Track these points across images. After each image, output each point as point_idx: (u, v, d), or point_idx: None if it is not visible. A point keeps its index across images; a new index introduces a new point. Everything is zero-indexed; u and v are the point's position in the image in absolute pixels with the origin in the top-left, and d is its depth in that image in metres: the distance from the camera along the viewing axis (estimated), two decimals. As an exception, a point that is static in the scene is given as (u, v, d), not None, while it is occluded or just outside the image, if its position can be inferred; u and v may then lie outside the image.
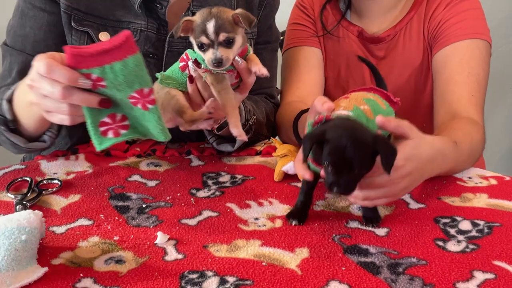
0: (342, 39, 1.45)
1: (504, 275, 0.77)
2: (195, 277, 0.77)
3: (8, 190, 1.04)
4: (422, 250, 0.84)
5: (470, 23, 1.31)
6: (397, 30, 1.39)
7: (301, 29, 1.47)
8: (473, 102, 1.25)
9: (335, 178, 0.83)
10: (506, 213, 0.96)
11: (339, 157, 0.82)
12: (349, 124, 0.85)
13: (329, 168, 0.83)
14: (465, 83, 1.27)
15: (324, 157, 0.83)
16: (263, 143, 1.29)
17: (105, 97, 0.85)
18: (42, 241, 0.85)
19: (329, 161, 0.83)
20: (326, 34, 1.45)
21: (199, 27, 0.97)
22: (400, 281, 0.76)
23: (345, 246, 0.85)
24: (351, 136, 0.82)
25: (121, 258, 0.82)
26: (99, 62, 0.81)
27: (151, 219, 0.94)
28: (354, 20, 1.44)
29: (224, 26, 0.97)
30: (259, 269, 0.79)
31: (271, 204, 1.00)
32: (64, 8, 1.18)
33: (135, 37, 1.21)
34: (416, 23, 1.38)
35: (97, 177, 1.11)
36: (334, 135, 0.82)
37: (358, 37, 1.43)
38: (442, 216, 0.95)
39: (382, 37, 1.40)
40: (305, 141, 0.86)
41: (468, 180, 1.10)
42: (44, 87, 0.86)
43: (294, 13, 1.52)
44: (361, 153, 0.82)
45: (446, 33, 1.32)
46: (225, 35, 0.97)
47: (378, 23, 1.42)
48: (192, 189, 1.06)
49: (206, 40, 0.97)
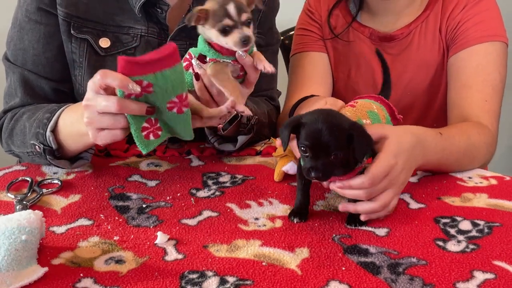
0: (353, 41, 1.44)
1: (504, 275, 0.77)
2: (195, 277, 0.77)
3: (8, 190, 1.04)
4: (422, 250, 0.84)
5: (487, 25, 1.30)
6: (412, 29, 1.38)
7: (307, 34, 1.47)
8: (486, 108, 1.25)
9: (313, 162, 0.84)
10: (506, 213, 0.96)
11: (315, 140, 0.83)
12: (326, 111, 0.87)
13: (306, 153, 0.84)
14: (478, 89, 1.26)
15: (300, 141, 0.85)
16: (263, 143, 1.29)
17: (149, 105, 0.92)
18: (42, 241, 0.85)
19: (306, 145, 0.84)
20: (334, 37, 1.44)
21: (219, 11, 0.98)
22: (400, 281, 0.76)
23: (345, 246, 0.85)
24: (327, 120, 0.83)
25: (121, 258, 0.82)
26: (152, 69, 0.87)
27: (151, 219, 0.94)
28: (365, 21, 1.43)
29: (244, 7, 0.99)
30: (259, 269, 0.79)
31: (271, 204, 1.00)
32: (63, 16, 1.17)
33: (135, 42, 1.21)
34: (432, 22, 1.36)
35: (97, 177, 1.11)
36: (309, 119, 0.84)
37: (370, 38, 1.42)
38: (442, 216, 0.95)
39: (395, 35, 1.39)
40: (282, 129, 0.87)
41: (468, 180, 1.10)
42: (99, 103, 0.90)
43: (301, 18, 1.51)
44: (336, 136, 0.83)
45: (463, 35, 1.31)
46: (246, 15, 0.98)
47: (391, 23, 1.40)
48: (192, 189, 1.06)
49: (230, 22, 0.98)
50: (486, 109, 1.25)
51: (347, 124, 0.85)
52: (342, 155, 0.85)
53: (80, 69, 1.20)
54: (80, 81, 1.20)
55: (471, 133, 1.16)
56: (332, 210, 0.97)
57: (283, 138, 0.87)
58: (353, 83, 1.46)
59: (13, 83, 1.22)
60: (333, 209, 0.98)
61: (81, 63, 1.19)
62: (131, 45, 1.20)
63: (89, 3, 1.19)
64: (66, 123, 1.06)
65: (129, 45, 1.20)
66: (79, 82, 1.20)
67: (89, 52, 1.19)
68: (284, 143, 0.87)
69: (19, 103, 1.21)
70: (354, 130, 0.84)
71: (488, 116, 1.24)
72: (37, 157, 1.12)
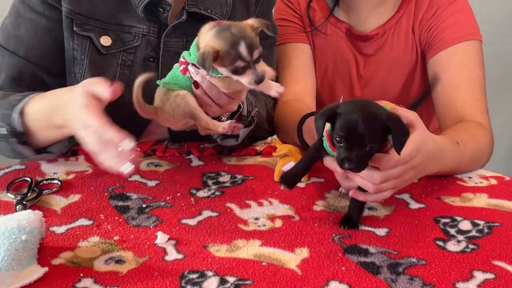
0: (330, 36, 1.44)
1: (504, 275, 0.77)
2: (195, 277, 0.77)
3: (8, 190, 1.04)
4: (422, 250, 0.84)
5: (463, 25, 1.32)
6: (386, 29, 1.39)
7: (289, 25, 1.45)
8: (478, 106, 1.26)
9: (347, 153, 0.82)
10: (506, 213, 0.96)
11: (351, 132, 0.81)
12: (362, 101, 0.86)
13: (341, 143, 0.83)
14: (468, 88, 1.27)
15: (335, 132, 0.83)
16: (263, 143, 1.29)
17: None
18: (42, 241, 0.85)
19: (341, 136, 0.82)
20: (314, 30, 1.43)
21: (230, 54, 0.93)
22: (400, 281, 0.76)
23: (345, 246, 0.85)
24: (363, 110, 0.82)
25: (121, 258, 0.82)
26: None
27: (151, 219, 0.94)
28: (342, 17, 1.43)
29: (254, 43, 0.95)
30: (259, 269, 0.79)
31: (271, 204, 1.00)
32: (66, 12, 1.17)
33: (136, 42, 1.21)
34: (405, 23, 1.38)
35: (97, 177, 1.11)
36: (345, 110, 0.82)
37: (346, 34, 1.42)
38: (442, 216, 0.95)
39: (371, 35, 1.40)
40: (317, 119, 0.85)
41: (468, 180, 1.10)
42: None
43: (279, 7, 1.48)
44: (373, 128, 0.81)
45: (440, 37, 1.33)
46: (258, 52, 0.95)
47: (366, 20, 1.41)
48: (192, 189, 1.06)
49: (243, 63, 0.94)
50: (478, 107, 1.26)
51: (384, 115, 0.83)
52: (377, 146, 0.84)
53: (80, 67, 1.19)
54: (80, 79, 1.20)
55: (477, 136, 1.17)
56: (332, 210, 0.97)
57: (317, 127, 0.85)
58: (329, 79, 1.46)
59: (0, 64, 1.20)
60: (333, 209, 0.98)
61: (82, 60, 1.19)
62: (132, 44, 1.20)
63: (92, 0, 1.18)
64: (36, 110, 1.04)
65: (130, 44, 1.20)
66: (78, 80, 1.20)
67: (90, 50, 1.18)
68: (319, 132, 0.85)
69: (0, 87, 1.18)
70: (391, 122, 0.82)
71: (483, 115, 1.25)
72: (2, 142, 1.09)
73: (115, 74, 1.20)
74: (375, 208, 0.98)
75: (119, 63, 1.20)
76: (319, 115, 0.85)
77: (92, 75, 1.17)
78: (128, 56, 1.20)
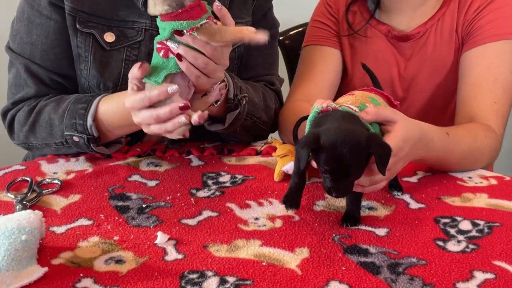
0: (371, 38, 1.42)
1: (504, 275, 0.77)
2: (195, 277, 0.77)
3: (8, 190, 1.04)
4: (422, 250, 0.84)
5: (503, 22, 1.28)
6: (428, 27, 1.36)
7: (322, 28, 1.45)
8: (494, 109, 1.23)
9: (333, 184, 0.85)
10: (506, 213, 0.96)
11: (336, 165, 0.84)
12: (343, 127, 0.85)
13: (327, 174, 0.85)
14: (489, 90, 1.24)
15: (321, 164, 0.85)
16: (263, 143, 1.29)
17: None
18: (42, 241, 0.85)
19: (326, 170, 0.85)
20: (353, 34, 1.42)
21: None
22: (400, 281, 0.76)
23: (345, 246, 0.85)
24: (346, 142, 0.83)
25: (121, 258, 0.82)
26: None
27: (151, 219, 0.94)
28: (383, 19, 1.41)
29: None
30: (259, 269, 0.79)
31: (271, 204, 1.00)
32: (69, 10, 1.17)
33: (140, 37, 1.21)
34: (448, 21, 1.34)
35: (97, 177, 1.11)
36: (329, 142, 0.83)
37: (387, 36, 1.40)
38: (442, 216, 0.95)
39: (411, 34, 1.37)
40: (300, 151, 0.87)
41: (468, 180, 1.10)
42: None
43: (318, 10, 1.49)
44: (357, 159, 0.84)
45: (478, 32, 1.29)
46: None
47: (408, 20, 1.38)
48: (192, 189, 1.06)
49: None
50: (494, 110, 1.23)
51: (364, 141, 0.84)
52: (362, 173, 0.87)
53: (85, 63, 1.20)
54: (86, 75, 1.20)
55: (478, 135, 1.15)
56: (332, 210, 0.97)
57: (301, 158, 0.87)
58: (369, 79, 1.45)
59: (21, 73, 1.21)
60: (333, 209, 0.98)
61: (87, 57, 1.19)
62: (135, 39, 1.20)
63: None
64: (107, 111, 1.12)
65: (133, 39, 1.20)
66: (85, 76, 1.20)
67: (94, 46, 1.19)
68: (302, 163, 0.86)
69: (33, 94, 1.20)
70: (373, 147, 0.84)
71: (496, 119, 1.22)
72: (65, 148, 1.18)
73: (120, 69, 1.20)
74: (375, 208, 0.98)
75: (123, 58, 1.20)
76: (302, 145, 0.86)
77: (97, 72, 1.19)
78: (133, 51, 1.20)
